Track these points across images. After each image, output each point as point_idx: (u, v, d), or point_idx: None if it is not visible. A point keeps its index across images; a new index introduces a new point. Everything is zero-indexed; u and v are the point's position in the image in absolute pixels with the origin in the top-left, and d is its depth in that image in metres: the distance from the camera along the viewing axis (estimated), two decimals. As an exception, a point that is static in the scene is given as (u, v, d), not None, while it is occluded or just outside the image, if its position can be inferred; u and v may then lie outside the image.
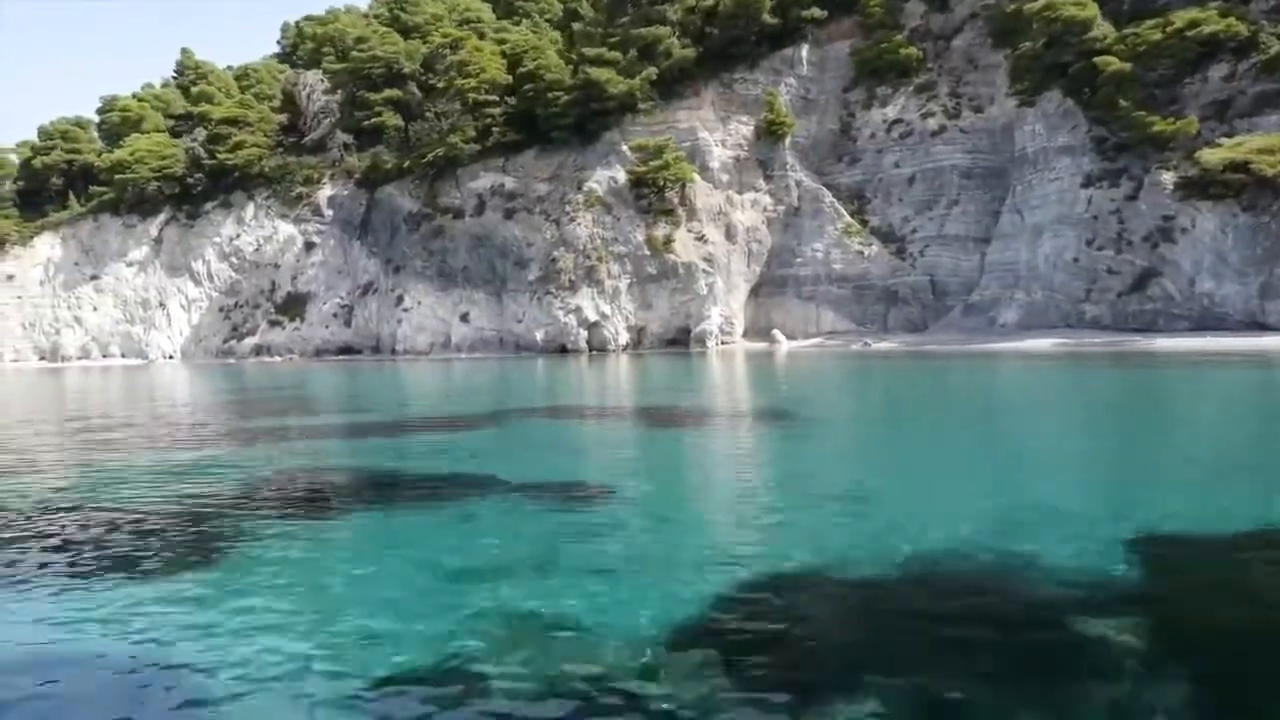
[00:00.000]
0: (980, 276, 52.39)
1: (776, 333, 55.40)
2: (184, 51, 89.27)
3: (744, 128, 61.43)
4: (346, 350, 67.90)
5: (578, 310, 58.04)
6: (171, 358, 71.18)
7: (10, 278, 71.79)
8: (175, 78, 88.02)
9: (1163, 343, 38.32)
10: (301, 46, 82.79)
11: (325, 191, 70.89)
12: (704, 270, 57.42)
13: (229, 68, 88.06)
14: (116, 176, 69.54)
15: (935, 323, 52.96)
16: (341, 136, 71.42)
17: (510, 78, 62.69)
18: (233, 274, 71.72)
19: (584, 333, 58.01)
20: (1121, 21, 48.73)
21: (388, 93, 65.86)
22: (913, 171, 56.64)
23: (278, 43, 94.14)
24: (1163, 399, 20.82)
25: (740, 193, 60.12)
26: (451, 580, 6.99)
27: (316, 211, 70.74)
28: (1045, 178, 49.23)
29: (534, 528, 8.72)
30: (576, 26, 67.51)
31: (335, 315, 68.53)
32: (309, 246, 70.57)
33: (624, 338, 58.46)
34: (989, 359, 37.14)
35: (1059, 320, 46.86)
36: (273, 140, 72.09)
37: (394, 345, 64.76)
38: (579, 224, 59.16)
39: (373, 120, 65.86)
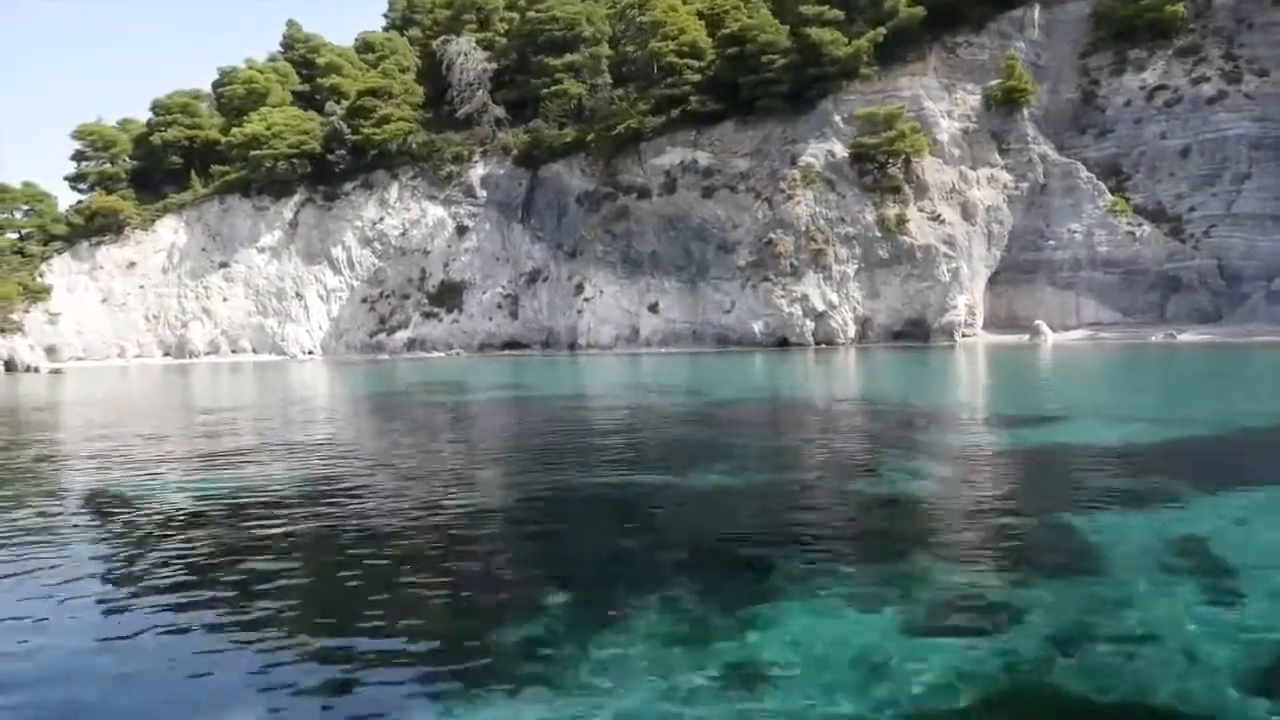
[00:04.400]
0: (1285, 260, 46.14)
1: (1040, 324, 49.01)
2: (290, 24, 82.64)
3: (970, 97, 55.21)
4: (511, 345, 61.45)
5: (804, 299, 51.74)
6: (311, 354, 64.69)
7: (131, 265, 65.20)
8: (283, 52, 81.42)
9: None
10: (428, 14, 75.82)
11: (478, 170, 64.52)
12: (945, 254, 51.14)
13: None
14: (251, 153, 62.93)
15: (1230, 312, 46.70)
16: (494, 110, 65.06)
17: (710, 40, 56.18)
18: (376, 261, 65.29)
19: (810, 324, 51.71)
20: None
21: (569, 58, 59.31)
22: (1185, 143, 50.36)
23: (384, 15, 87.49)
24: None
25: (973, 168, 53.87)
26: None
27: (469, 192, 64.38)
28: (1379, 146, 43.03)
29: None
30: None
31: (499, 306, 62.08)
32: (461, 230, 64.18)
33: (851, 330, 52.21)
34: None
35: None
36: (417, 115, 65.60)
37: (573, 339, 58.30)
38: (798, 202, 52.84)
39: (552, 89, 59.26)
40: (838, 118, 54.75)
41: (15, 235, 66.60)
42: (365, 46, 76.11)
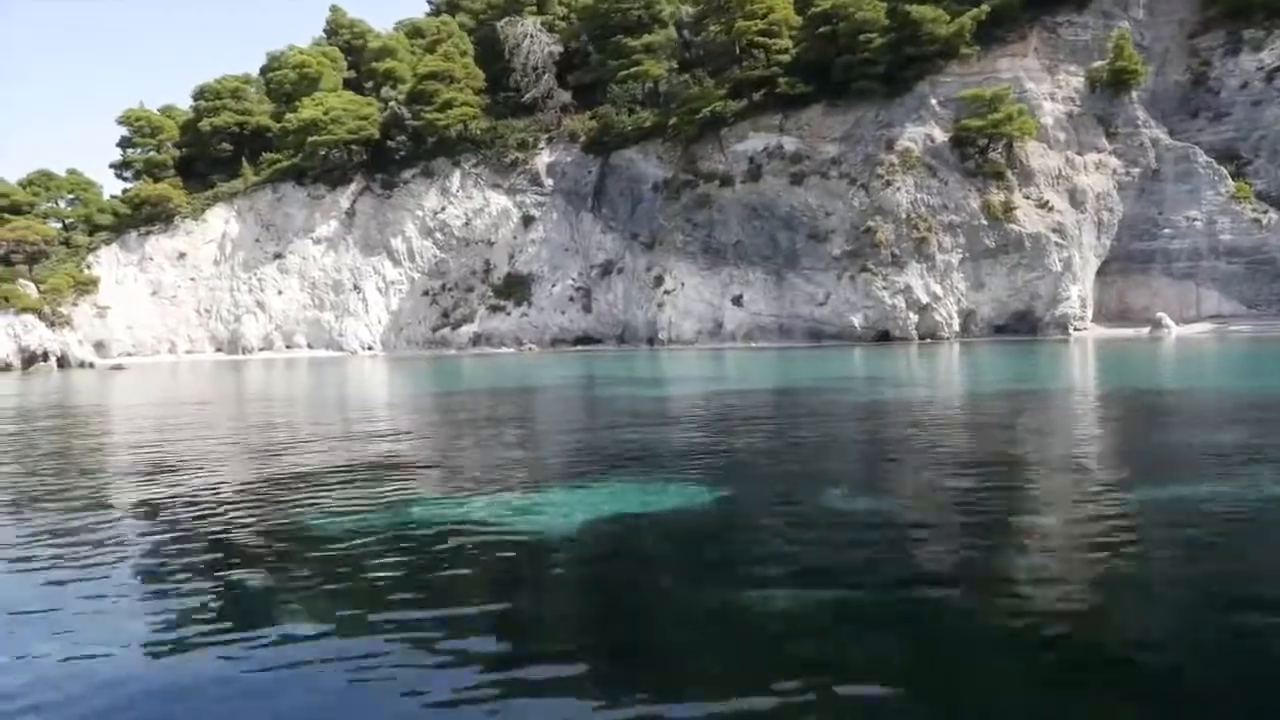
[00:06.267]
0: None
1: (1163, 316, 46.43)
2: (334, 9, 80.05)
3: (1073, 79, 52.59)
4: (584, 340, 58.70)
5: (906, 290, 49.08)
6: (370, 349, 61.90)
7: (181, 256, 62.38)
8: (326, 38, 78.69)
9: None
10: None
11: (544, 157, 61.81)
12: (1056, 243, 48.49)
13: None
14: (309, 139, 60.12)
15: (1369, 304, 44.15)
16: (561, 94, 62.34)
17: (799, 18, 53.52)
18: (437, 252, 62.53)
19: (914, 317, 49.04)
20: None
21: (648, 38, 56.54)
22: (1311, 126, 47.82)
23: (429, 0, 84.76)
24: None
25: (1080, 153, 51.23)
26: None
27: (534, 180, 61.65)
28: None
29: None
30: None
31: (571, 299, 59.32)
32: (527, 220, 61.44)
33: (956, 323, 49.55)
34: None
35: None
36: (480, 100, 62.85)
37: (652, 334, 55.53)
38: (898, 189, 50.16)
39: (631, 70, 56.52)
40: (934, 100, 52.09)
41: (60, 225, 63.75)
42: (414, 31, 73.44)
